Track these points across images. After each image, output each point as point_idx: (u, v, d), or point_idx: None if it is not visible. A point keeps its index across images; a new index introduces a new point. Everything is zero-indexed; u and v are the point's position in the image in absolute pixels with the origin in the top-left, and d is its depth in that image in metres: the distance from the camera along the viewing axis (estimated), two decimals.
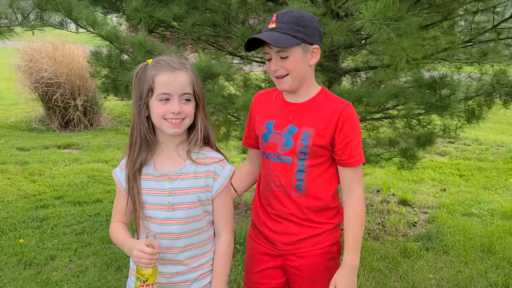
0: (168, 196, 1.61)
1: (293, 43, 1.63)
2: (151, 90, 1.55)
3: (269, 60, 1.71)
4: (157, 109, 1.55)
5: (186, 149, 1.64)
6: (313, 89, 1.78)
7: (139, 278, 1.53)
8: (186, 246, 1.66)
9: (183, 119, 1.57)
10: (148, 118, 1.60)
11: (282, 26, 1.65)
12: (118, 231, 1.67)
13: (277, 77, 1.71)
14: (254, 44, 1.70)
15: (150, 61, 1.59)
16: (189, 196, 1.62)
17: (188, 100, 1.57)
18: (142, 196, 1.63)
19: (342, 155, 1.73)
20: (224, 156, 1.71)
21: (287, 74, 1.69)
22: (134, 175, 1.61)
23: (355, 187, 1.76)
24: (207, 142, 1.67)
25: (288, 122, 1.77)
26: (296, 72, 1.69)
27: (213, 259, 1.73)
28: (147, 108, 1.58)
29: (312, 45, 1.69)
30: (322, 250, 1.83)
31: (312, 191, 1.78)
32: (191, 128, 1.65)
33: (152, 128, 1.63)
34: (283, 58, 1.66)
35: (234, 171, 1.70)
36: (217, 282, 1.70)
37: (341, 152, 1.72)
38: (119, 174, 1.69)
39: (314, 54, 1.71)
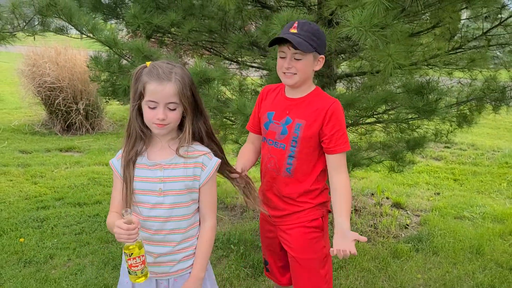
0: (160, 183, 1.79)
1: (310, 50, 1.96)
2: (142, 95, 1.72)
3: (283, 58, 2.02)
4: (146, 113, 1.74)
5: (177, 144, 1.80)
6: (309, 88, 2.12)
7: (125, 253, 1.64)
8: (173, 229, 1.82)
9: (168, 123, 1.73)
10: (142, 115, 1.78)
11: (302, 33, 1.96)
12: (112, 219, 1.78)
13: (285, 73, 2.02)
14: (274, 41, 2.01)
15: (148, 63, 1.75)
16: (178, 184, 1.79)
17: (173, 108, 1.72)
18: (134, 183, 1.79)
19: (329, 143, 2.04)
20: (219, 148, 1.91)
21: (295, 74, 2.01)
22: (127, 164, 1.78)
23: (341, 170, 2.06)
24: (198, 139, 1.84)
25: (286, 114, 2.11)
26: (303, 73, 2.02)
27: (196, 244, 1.89)
28: (139, 108, 1.76)
29: (320, 54, 2.05)
30: (303, 223, 2.16)
31: (298, 175, 2.12)
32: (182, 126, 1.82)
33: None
34: (297, 59, 1.99)
35: (219, 163, 1.88)
36: (200, 264, 1.86)
37: (328, 141, 2.03)
38: (116, 163, 1.85)
39: (319, 62, 2.07)
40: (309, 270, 2.18)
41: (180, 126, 1.82)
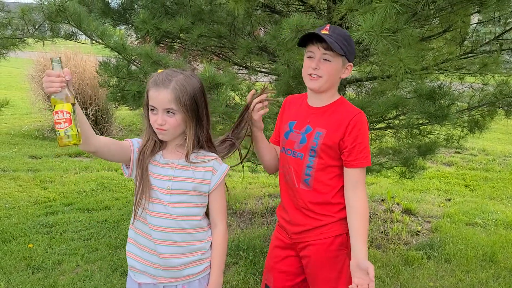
0: (169, 181, 1.82)
1: (341, 52, 1.86)
2: (146, 100, 1.79)
3: (310, 58, 1.92)
4: (150, 118, 1.80)
5: (184, 150, 1.82)
6: (333, 97, 2.00)
7: (51, 106, 1.57)
8: (180, 228, 1.82)
9: (168, 129, 1.77)
10: None
11: (334, 36, 1.87)
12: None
13: (311, 75, 1.92)
14: (304, 40, 1.93)
15: (160, 70, 1.80)
16: (186, 184, 1.82)
17: (172, 113, 1.74)
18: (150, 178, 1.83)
19: (348, 156, 1.91)
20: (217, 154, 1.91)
21: (321, 77, 1.90)
22: (145, 164, 1.81)
23: (359, 187, 1.92)
24: (201, 146, 1.85)
25: (306, 123, 2.00)
26: (330, 77, 1.91)
27: (206, 249, 1.89)
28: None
29: (349, 61, 1.95)
30: (326, 240, 1.99)
31: (317, 186, 1.97)
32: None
33: None
34: (326, 60, 1.89)
35: (228, 169, 1.90)
36: (217, 269, 1.89)
37: (348, 154, 1.90)
38: (135, 141, 1.87)
39: (346, 70, 1.96)
40: None
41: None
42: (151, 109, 1.77)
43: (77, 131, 1.56)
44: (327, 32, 1.87)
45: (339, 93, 2.08)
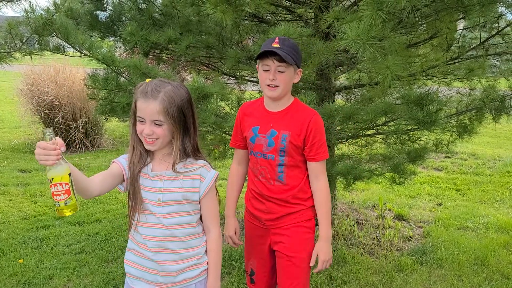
0: (159, 193, 1.84)
1: (293, 63, 2.10)
2: (134, 110, 1.80)
3: (267, 71, 2.13)
4: (137, 126, 1.81)
5: (171, 160, 1.84)
6: (289, 100, 2.25)
7: (48, 179, 1.56)
8: (174, 237, 1.85)
9: (156, 139, 1.79)
10: None
11: (285, 48, 2.09)
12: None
13: (269, 86, 2.14)
14: (260, 55, 2.13)
15: (148, 80, 1.82)
16: (175, 195, 1.84)
17: (159, 124, 1.76)
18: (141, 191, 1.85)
19: (310, 152, 2.21)
20: (207, 161, 1.93)
21: (278, 86, 2.12)
22: (136, 177, 1.84)
23: (321, 177, 2.24)
24: (188, 155, 1.87)
25: (270, 127, 2.22)
26: (285, 85, 2.15)
27: (201, 254, 1.93)
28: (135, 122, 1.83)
29: (298, 68, 2.19)
30: (298, 224, 2.28)
31: (289, 180, 2.25)
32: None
33: None
34: (280, 71, 2.11)
35: (217, 175, 1.94)
36: (213, 275, 1.93)
37: (309, 150, 2.20)
38: (122, 160, 1.89)
39: (297, 76, 2.21)
40: (302, 268, 2.27)
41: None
42: (139, 120, 1.78)
43: (76, 198, 1.59)
44: (278, 46, 2.09)
45: (328, 101, 2.14)
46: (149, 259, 1.86)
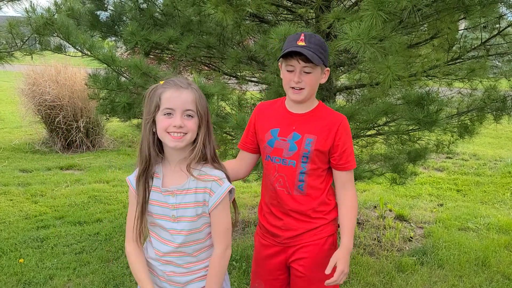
0: (173, 209, 1.78)
1: (320, 63, 1.91)
2: (157, 106, 1.70)
3: (291, 71, 1.94)
4: (161, 122, 1.69)
5: (186, 163, 1.75)
6: (314, 102, 2.05)
7: None
8: (183, 253, 1.82)
9: (185, 134, 1.69)
10: (155, 134, 1.74)
11: (311, 46, 1.89)
12: (137, 262, 1.83)
13: (294, 88, 1.95)
14: (284, 54, 1.93)
15: (162, 82, 1.76)
16: (190, 210, 1.78)
17: (190, 116, 1.69)
18: (150, 206, 1.79)
19: (339, 160, 2.01)
20: (225, 173, 1.82)
21: (303, 88, 1.94)
22: (143, 184, 1.77)
23: (349, 187, 2.05)
24: (205, 158, 1.78)
25: (292, 130, 2.01)
26: (312, 87, 1.96)
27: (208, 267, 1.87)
28: (154, 123, 1.73)
29: (326, 67, 1.99)
30: (319, 241, 2.06)
31: (310, 191, 2.03)
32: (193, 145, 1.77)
33: (159, 144, 1.77)
34: (306, 72, 1.92)
35: (231, 189, 1.80)
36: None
37: (339, 158, 2.00)
38: (133, 180, 1.82)
39: (325, 75, 2.01)
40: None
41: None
42: (167, 113, 1.68)
43: None
44: (303, 43, 1.89)
45: (329, 101, 2.11)
46: (158, 267, 1.85)
